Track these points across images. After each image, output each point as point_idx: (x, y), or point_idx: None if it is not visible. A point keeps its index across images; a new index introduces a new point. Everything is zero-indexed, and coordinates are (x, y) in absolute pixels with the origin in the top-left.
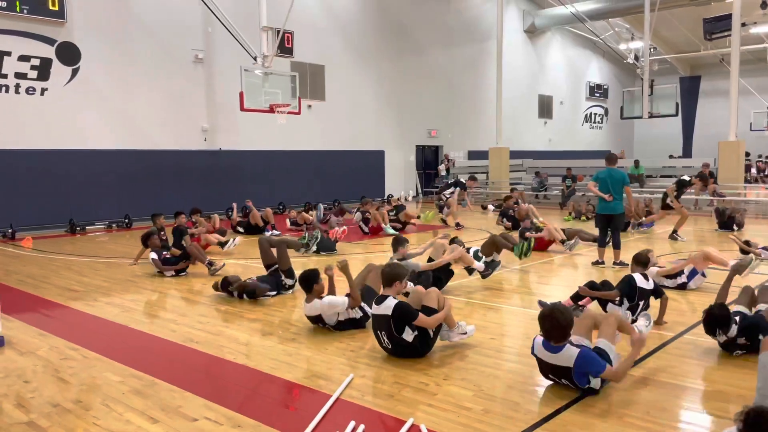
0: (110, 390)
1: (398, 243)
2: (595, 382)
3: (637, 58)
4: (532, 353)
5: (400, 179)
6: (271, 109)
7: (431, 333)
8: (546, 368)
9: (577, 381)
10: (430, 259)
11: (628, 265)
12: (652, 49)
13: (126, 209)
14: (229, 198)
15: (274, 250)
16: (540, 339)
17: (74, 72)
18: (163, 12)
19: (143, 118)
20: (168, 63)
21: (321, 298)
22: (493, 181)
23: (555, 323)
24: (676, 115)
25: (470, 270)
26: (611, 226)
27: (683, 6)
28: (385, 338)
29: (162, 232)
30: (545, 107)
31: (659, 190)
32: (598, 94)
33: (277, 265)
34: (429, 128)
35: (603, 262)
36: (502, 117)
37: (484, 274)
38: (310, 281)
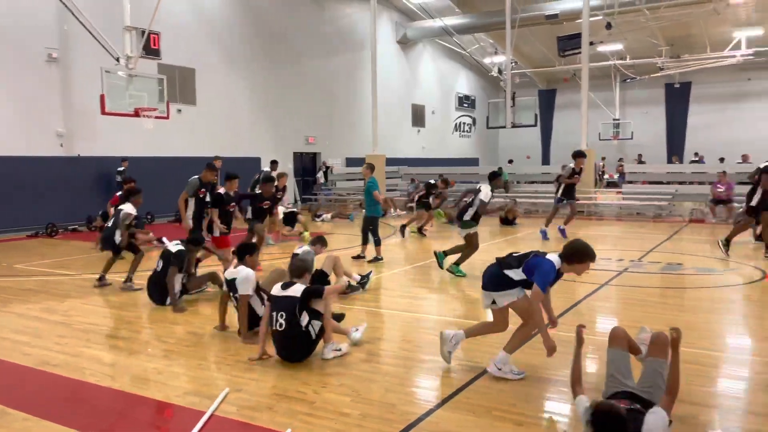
0: None
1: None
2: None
3: (500, 71)
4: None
5: None
6: (137, 113)
7: (320, 328)
8: None
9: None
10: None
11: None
12: (513, 64)
13: None
14: (91, 208)
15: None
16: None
17: None
18: (9, 6)
19: None
20: (16, 62)
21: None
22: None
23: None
24: (536, 125)
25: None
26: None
27: (540, 24)
28: (282, 319)
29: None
30: (418, 116)
31: (522, 195)
32: (466, 105)
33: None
34: (306, 135)
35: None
36: (378, 125)
37: (362, 282)
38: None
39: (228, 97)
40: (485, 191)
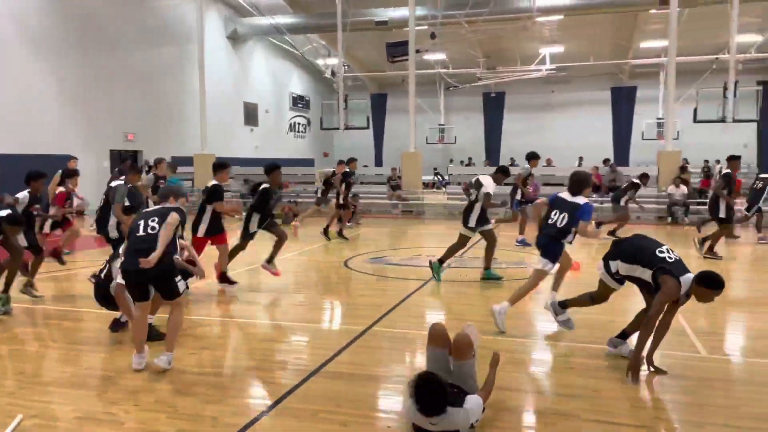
0: None
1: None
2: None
3: (333, 73)
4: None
5: (92, 187)
6: None
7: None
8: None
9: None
10: None
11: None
12: (346, 67)
13: None
14: None
15: None
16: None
17: None
18: None
19: None
20: None
21: None
22: (199, 188)
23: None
24: (368, 127)
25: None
26: None
27: (370, 29)
28: (153, 222)
29: None
30: (251, 115)
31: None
32: (300, 105)
33: None
34: (126, 131)
35: None
36: (206, 122)
37: None
38: None
39: (29, 87)
40: (488, 182)
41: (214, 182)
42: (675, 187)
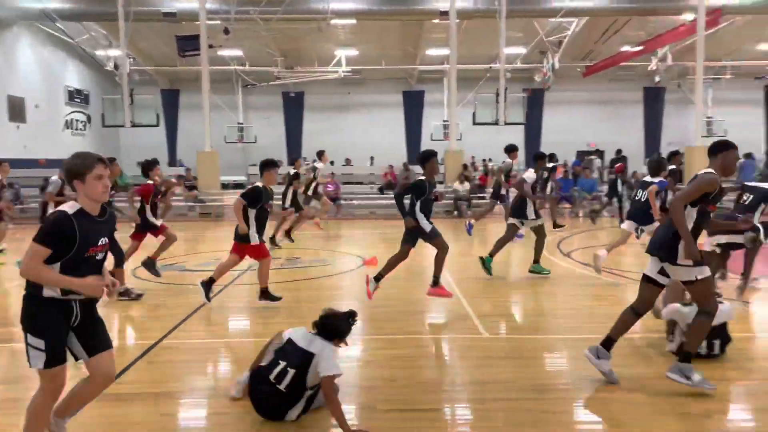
0: None
1: None
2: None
3: (116, 66)
4: None
5: None
6: None
7: None
8: None
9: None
10: None
11: None
12: (131, 60)
13: None
14: None
15: None
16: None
17: None
18: None
19: None
20: None
21: None
22: None
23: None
24: (158, 125)
25: None
26: None
27: (158, 21)
28: None
29: None
30: (17, 110)
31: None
32: (78, 100)
33: None
34: None
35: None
36: None
37: None
38: None
39: None
40: (528, 173)
41: (257, 183)
42: (459, 183)
